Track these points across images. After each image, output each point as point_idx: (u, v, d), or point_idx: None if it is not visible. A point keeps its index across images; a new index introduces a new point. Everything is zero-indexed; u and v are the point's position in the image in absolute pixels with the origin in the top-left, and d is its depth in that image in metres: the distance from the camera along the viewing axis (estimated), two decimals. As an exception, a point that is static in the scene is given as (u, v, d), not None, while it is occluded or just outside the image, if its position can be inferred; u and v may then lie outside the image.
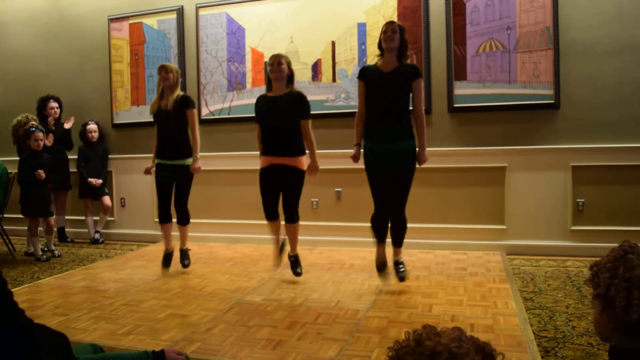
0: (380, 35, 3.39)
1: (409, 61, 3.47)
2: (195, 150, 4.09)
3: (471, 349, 0.82)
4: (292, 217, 3.74)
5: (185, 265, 4.19)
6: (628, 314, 1.10)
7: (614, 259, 1.16)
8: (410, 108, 3.45)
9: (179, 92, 4.09)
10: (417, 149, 3.42)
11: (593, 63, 4.37)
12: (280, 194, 3.77)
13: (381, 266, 3.58)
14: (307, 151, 3.74)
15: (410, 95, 3.42)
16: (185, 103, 4.05)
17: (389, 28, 3.35)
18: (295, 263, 3.82)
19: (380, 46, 3.42)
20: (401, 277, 3.52)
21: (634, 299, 1.09)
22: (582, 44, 4.38)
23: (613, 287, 1.12)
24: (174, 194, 4.14)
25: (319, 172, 3.74)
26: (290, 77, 3.70)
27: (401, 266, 3.55)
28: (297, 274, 3.78)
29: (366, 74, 3.46)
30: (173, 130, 4.06)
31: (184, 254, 4.22)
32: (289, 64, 3.68)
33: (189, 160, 4.06)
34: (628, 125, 4.30)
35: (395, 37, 3.33)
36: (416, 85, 3.38)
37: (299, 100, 3.65)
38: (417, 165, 3.43)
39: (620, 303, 1.11)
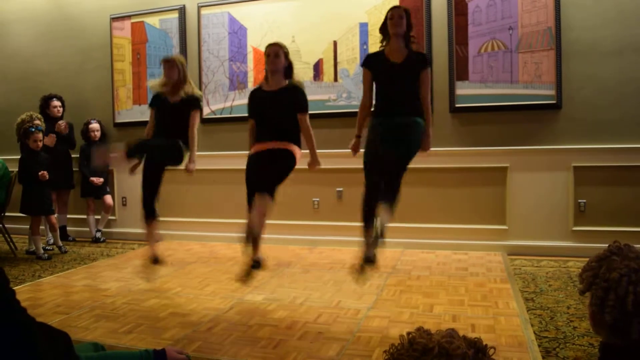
0: (386, 20, 3.24)
1: (414, 47, 3.32)
2: (192, 152, 3.84)
3: (463, 344, 0.86)
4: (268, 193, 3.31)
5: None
6: (602, 314, 1.11)
7: (599, 259, 1.17)
8: None
9: (191, 88, 3.81)
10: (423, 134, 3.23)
11: (595, 63, 4.36)
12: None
13: (370, 258, 3.08)
14: (302, 148, 3.49)
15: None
16: (195, 103, 3.82)
17: (396, 13, 3.21)
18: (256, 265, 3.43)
19: (384, 31, 3.27)
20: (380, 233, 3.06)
21: (609, 300, 1.10)
22: (584, 44, 4.37)
23: (594, 286, 1.14)
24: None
25: (320, 166, 3.55)
26: (288, 68, 3.44)
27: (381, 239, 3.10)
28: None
29: (373, 63, 3.30)
30: (174, 126, 3.79)
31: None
32: (286, 55, 3.41)
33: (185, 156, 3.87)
34: (630, 125, 4.30)
35: (403, 22, 3.20)
36: (424, 74, 3.25)
37: (296, 94, 3.41)
38: (423, 151, 3.24)
39: (596, 302, 1.12)
